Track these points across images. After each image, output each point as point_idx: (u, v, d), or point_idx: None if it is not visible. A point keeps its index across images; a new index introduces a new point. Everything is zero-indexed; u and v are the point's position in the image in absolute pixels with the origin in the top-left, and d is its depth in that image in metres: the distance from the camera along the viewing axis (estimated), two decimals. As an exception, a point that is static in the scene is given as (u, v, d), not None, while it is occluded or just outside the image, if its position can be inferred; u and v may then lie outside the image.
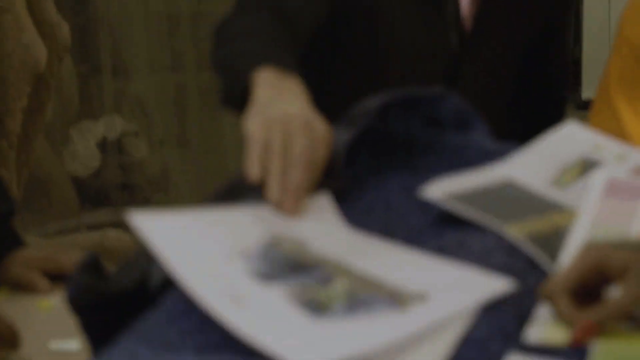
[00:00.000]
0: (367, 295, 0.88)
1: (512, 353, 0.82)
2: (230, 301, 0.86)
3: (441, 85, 1.16)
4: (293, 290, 0.88)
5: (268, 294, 0.88)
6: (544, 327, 0.85)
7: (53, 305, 1.45)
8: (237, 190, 1.04)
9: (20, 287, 1.53)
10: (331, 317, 0.85)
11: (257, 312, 0.85)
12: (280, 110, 1.07)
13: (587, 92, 4.61)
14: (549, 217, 1.01)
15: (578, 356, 0.82)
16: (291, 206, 0.99)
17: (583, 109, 4.21)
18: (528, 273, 0.92)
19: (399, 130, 1.15)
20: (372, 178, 1.12)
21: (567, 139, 1.15)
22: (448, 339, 0.83)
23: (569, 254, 0.94)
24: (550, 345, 0.83)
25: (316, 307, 0.86)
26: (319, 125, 1.05)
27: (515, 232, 0.96)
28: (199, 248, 0.93)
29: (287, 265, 0.92)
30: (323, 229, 1.00)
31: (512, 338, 0.84)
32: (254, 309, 0.86)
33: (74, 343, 1.30)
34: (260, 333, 0.82)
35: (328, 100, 1.22)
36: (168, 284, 0.91)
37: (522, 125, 1.75)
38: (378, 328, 0.84)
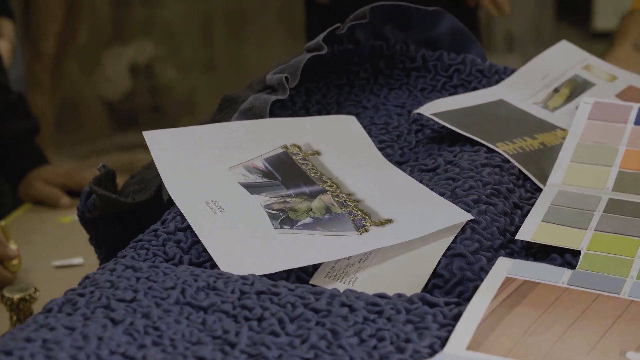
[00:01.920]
0: (337, 214, 0.89)
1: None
2: (208, 208, 0.88)
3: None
4: (272, 201, 0.90)
5: (247, 203, 0.89)
6: (535, 227, 0.87)
7: (73, 220, 1.48)
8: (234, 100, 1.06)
9: (43, 203, 1.58)
10: (291, 230, 0.86)
11: (225, 219, 0.87)
12: None
13: (600, 22, 4.21)
14: (538, 136, 1.02)
15: (567, 261, 0.84)
16: None
17: (597, 38, 3.89)
18: (516, 189, 0.93)
19: (396, 50, 1.17)
20: (372, 98, 1.14)
21: (559, 57, 1.16)
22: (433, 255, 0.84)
23: (558, 171, 0.97)
24: (540, 243, 0.85)
25: (285, 218, 0.88)
26: None
27: (505, 149, 0.98)
28: (198, 160, 0.94)
29: (287, 175, 0.94)
30: (342, 143, 1.02)
31: (500, 253, 0.84)
32: (225, 216, 0.87)
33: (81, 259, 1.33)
34: (214, 238, 0.84)
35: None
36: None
37: None
38: (318, 247, 0.85)
